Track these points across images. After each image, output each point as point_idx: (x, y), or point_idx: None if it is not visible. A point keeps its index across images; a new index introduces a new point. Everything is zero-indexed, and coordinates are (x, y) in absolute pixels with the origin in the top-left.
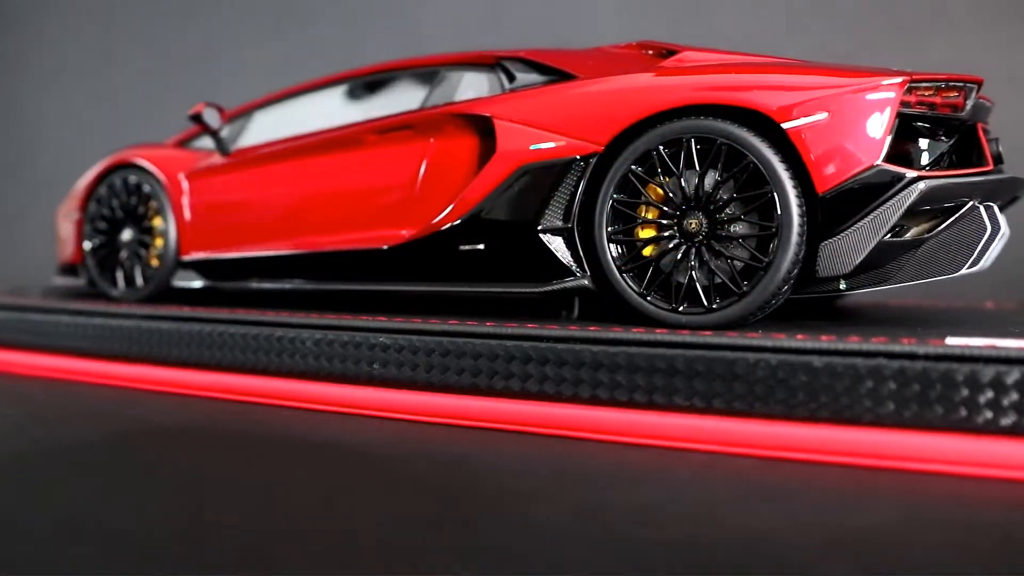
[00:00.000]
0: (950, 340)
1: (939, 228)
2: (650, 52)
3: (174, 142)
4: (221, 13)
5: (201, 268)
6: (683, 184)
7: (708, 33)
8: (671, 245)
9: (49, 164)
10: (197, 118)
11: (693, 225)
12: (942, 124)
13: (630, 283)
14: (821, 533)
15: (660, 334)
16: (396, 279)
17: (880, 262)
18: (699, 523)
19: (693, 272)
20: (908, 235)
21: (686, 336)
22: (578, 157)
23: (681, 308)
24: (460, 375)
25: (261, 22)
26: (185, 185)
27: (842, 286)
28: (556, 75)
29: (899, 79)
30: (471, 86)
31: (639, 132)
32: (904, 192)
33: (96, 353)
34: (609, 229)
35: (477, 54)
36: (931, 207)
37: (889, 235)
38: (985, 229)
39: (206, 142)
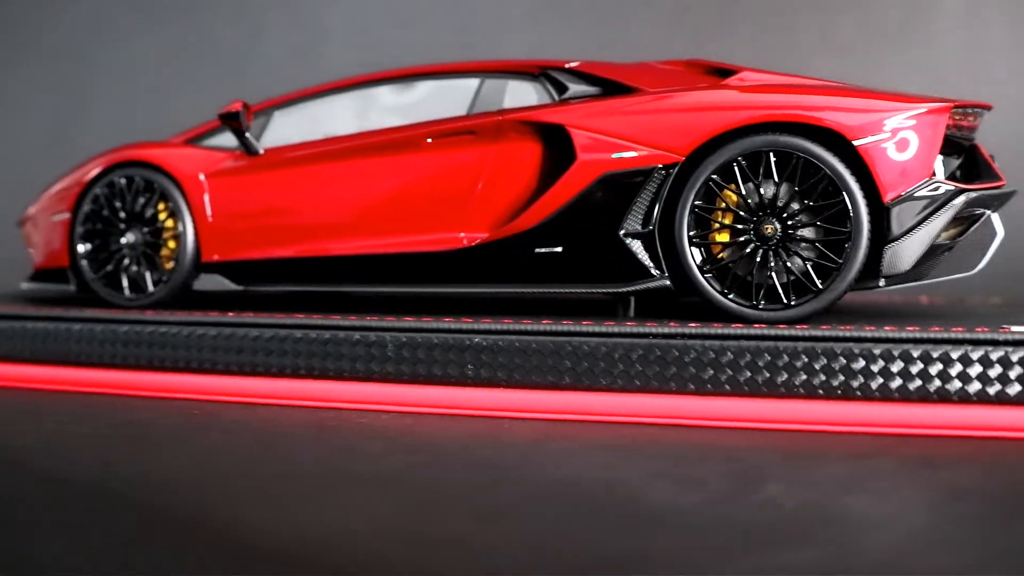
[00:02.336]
0: (1015, 328)
1: (966, 232)
2: (700, 70)
3: (181, 140)
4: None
5: (228, 271)
6: (761, 192)
7: (615, 41)
8: (749, 249)
9: None
10: (233, 117)
11: (769, 230)
12: (960, 143)
13: (712, 283)
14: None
15: (760, 329)
16: (463, 282)
17: (921, 262)
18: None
19: (773, 272)
20: (941, 239)
21: (796, 330)
22: (660, 166)
23: (761, 305)
24: (564, 373)
25: (137, 11)
26: (206, 185)
27: (881, 283)
28: (612, 87)
29: (945, 104)
30: (515, 94)
31: (717, 144)
32: (953, 202)
33: (123, 363)
34: (690, 233)
35: (518, 63)
36: (961, 215)
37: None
38: (995, 234)
39: (218, 140)
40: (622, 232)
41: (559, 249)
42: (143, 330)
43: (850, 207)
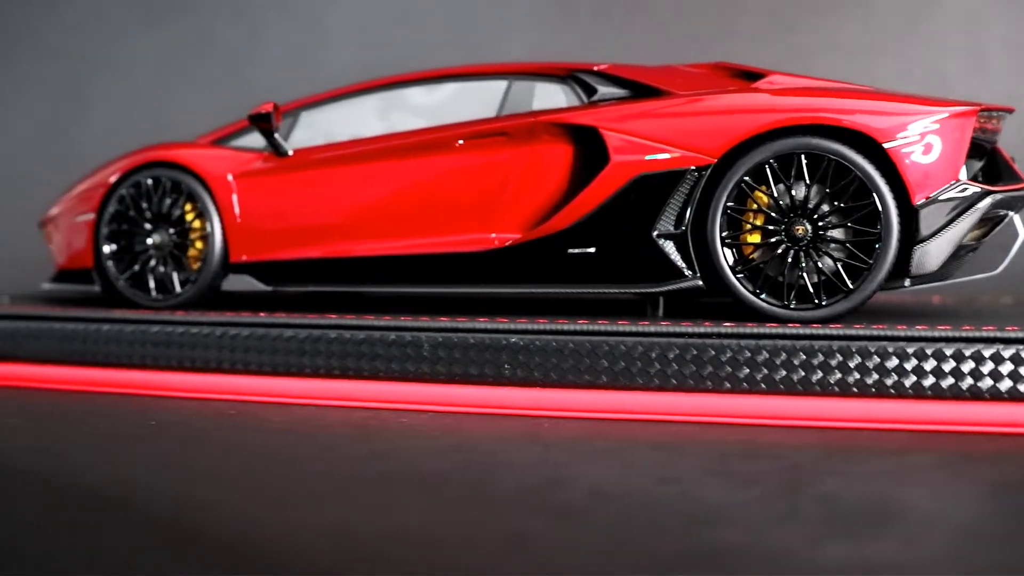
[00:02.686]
0: None
1: (990, 233)
2: (726, 72)
3: (207, 141)
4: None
5: (257, 272)
6: (792, 194)
7: (615, 42)
8: (780, 250)
9: None
10: (263, 118)
11: (799, 231)
12: (982, 146)
13: (744, 283)
14: None
15: (795, 328)
16: (495, 282)
17: (948, 263)
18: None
19: (804, 273)
20: (967, 239)
21: (830, 329)
22: (692, 168)
23: (792, 305)
24: (601, 373)
25: (137, 10)
26: (235, 186)
27: (906, 283)
28: (642, 90)
29: (972, 107)
30: (543, 96)
31: (749, 146)
32: (980, 203)
33: (154, 364)
34: (723, 234)
35: (545, 65)
36: (987, 216)
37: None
38: (1017, 235)
39: (244, 141)
40: (655, 233)
41: (592, 250)
42: (174, 331)
43: (880, 209)
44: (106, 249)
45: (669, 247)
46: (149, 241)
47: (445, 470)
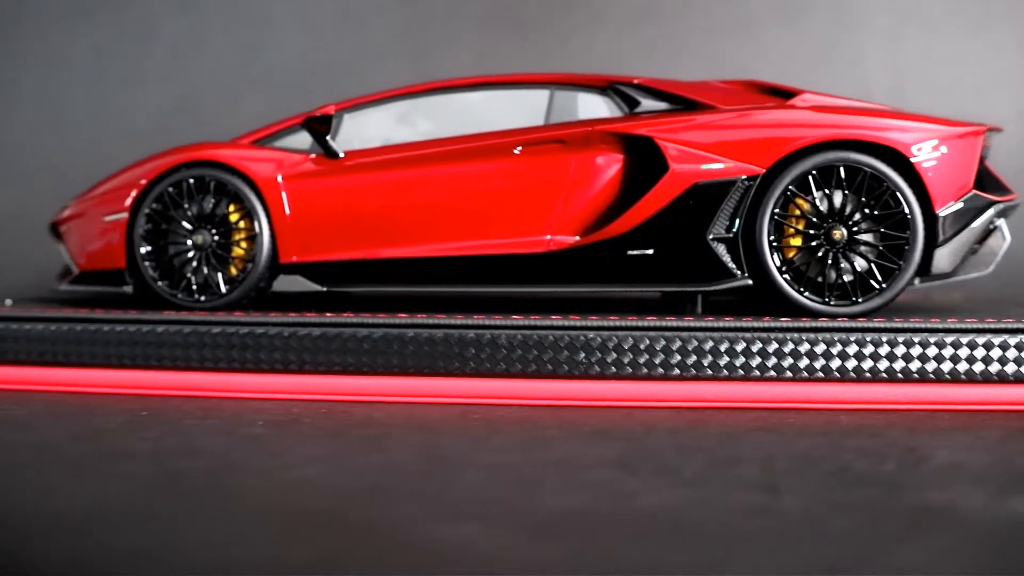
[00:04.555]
0: None
1: (987, 238)
2: (756, 89)
3: (248, 141)
4: None
5: (309, 272)
6: (833, 202)
7: (564, 52)
8: (820, 252)
9: None
10: (324, 120)
11: (837, 235)
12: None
13: (790, 283)
14: None
15: (844, 322)
16: (552, 282)
17: (959, 264)
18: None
19: (843, 272)
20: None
21: (876, 323)
22: (744, 177)
23: (831, 302)
24: (675, 366)
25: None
26: (285, 187)
27: (916, 282)
28: (685, 104)
29: (981, 127)
30: (586, 106)
31: (794, 158)
32: (988, 211)
33: (213, 366)
34: (770, 238)
35: (585, 76)
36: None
37: None
38: (1005, 239)
39: (285, 142)
40: (710, 237)
41: (650, 252)
42: (236, 331)
43: (909, 216)
44: (142, 250)
45: (721, 249)
46: (189, 242)
47: (614, 456)
